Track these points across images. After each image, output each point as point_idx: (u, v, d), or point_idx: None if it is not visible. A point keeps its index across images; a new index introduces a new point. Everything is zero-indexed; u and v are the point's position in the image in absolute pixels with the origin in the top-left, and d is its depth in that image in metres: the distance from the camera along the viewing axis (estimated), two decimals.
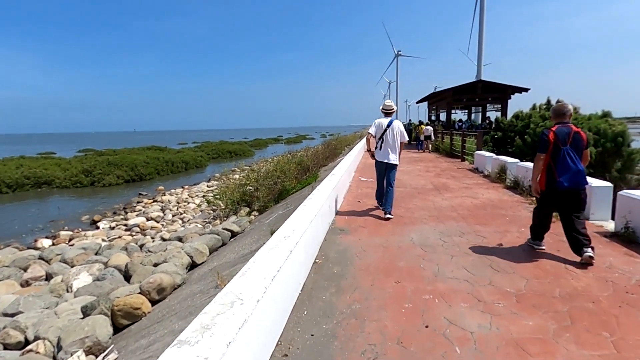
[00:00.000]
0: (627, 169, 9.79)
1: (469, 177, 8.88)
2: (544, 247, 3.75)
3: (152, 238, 11.56)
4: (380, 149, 5.52)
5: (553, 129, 3.43)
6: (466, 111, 25.82)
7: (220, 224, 11.68)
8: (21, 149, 65.47)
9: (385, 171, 5.55)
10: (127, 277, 6.70)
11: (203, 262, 7.15)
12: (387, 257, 3.64)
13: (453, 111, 28.55)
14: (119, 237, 12.05)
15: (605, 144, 9.72)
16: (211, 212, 14.47)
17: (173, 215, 14.48)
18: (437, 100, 22.26)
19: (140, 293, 5.12)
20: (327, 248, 3.98)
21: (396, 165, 5.53)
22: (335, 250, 3.91)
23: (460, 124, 18.87)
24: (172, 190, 21.71)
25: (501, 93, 18.62)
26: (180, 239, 9.73)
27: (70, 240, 12.00)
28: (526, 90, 18.22)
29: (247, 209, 12.28)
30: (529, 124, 13.25)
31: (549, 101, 13.74)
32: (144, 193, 21.62)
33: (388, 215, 5.20)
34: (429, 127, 18.57)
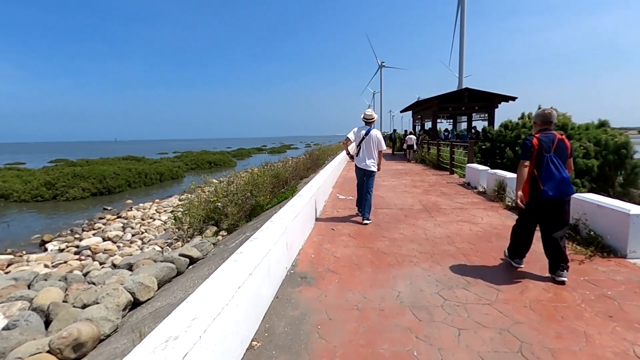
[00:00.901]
0: (630, 183, 8.92)
1: (462, 194, 7.80)
2: (523, 266, 3.57)
3: (102, 264, 10.08)
4: (359, 155, 5.82)
5: (537, 135, 3.28)
6: (451, 121, 25.15)
7: (182, 246, 10.33)
8: None
9: (363, 177, 5.82)
10: (48, 323, 5.27)
11: (149, 299, 5.79)
12: (363, 334, 2.41)
13: (438, 120, 27.93)
14: (65, 262, 10.48)
15: (607, 156, 8.84)
16: (177, 230, 13.01)
17: (133, 235, 12.94)
18: (422, 109, 21.45)
19: (49, 352, 3.74)
20: (275, 313, 2.72)
21: (374, 172, 5.78)
22: (287, 318, 2.66)
23: (446, 133, 18.04)
24: (140, 205, 20.07)
25: (488, 102, 17.90)
26: (130, 267, 8.33)
27: (8, 265, 10.33)
28: (513, 99, 17.55)
29: (215, 228, 10.91)
30: (520, 134, 12.38)
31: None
32: (109, 208, 19.93)
33: (366, 222, 5.51)
34: (412, 137, 17.65)
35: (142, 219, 15.84)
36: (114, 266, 9.48)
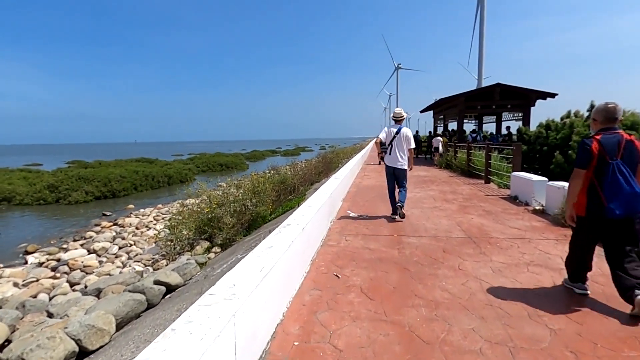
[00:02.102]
0: None
1: (512, 212, 5.95)
2: (588, 292, 2.83)
3: (74, 285, 8.73)
4: (390, 154, 5.84)
5: (597, 137, 2.66)
6: (476, 121, 22.98)
7: (167, 265, 8.91)
8: (9, 160, 63.10)
9: (394, 175, 5.91)
10: None
11: (101, 347, 4.31)
12: None
13: (465, 121, 25.78)
14: (37, 280, 9.18)
15: None
16: (169, 243, 11.51)
17: (120, 248, 11.55)
18: (446, 108, 19.47)
19: None
20: None
21: (405, 170, 5.84)
22: None
23: (474, 135, 16.06)
24: (141, 211, 18.82)
25: (523, 99, 15.82)
26: (99, 293, 7.01)
27: None
28: (552, 95, 15.42)
29: (207, 244, 9.38)
30: (570, 134, 10.37)
31: (592, 106, 10.88)
32: (109, 213, 18.79)
33: (400, 205, 5.63)
34: (439, 138, 15.75)
35: (137, 228, 14.51)
36: (85, 289, 8.07)
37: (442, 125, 25.36)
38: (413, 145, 5.87)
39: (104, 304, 5.13)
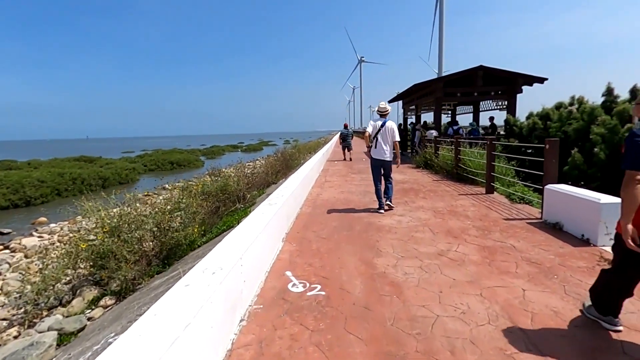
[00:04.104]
0: None
1: (581, 265, 3.32)
2: (620, 328, 2.26)
3: None
4: (376, 147, 5.88)
5: None
6: (448, 112, 20.80)
7: (25, 329, 5.74)
8: None
9: (381, 167, 5.95)
10: None
11: None
12: None
13: (424, 112, 23.51)
14: None
15: None
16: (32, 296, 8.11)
17: None
18: (419, 96, 17.02)
19: None
20: None
21: (391, 161, 5.94)
22: None
23: (456, 127, 13.70)
24: (51, 226, 14.88)
25: (509, 85, 13.59)
26: None
27: None
28: (541, 80, 13.32)
29: (95, 292, 6.28)
30: (588, 126, 8.07)
31: (610, 91, 8.64)
32: (6, 231, 14.70)
33: (389, 203, 5.90)
34: (433, 132, 13.22)
35: (26, 256, 10.84)
36: None
37: (412, 116, 23.05)
38: (398, 138, 5.91)
39: None
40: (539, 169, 8.17)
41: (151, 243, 6.76)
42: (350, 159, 15.81)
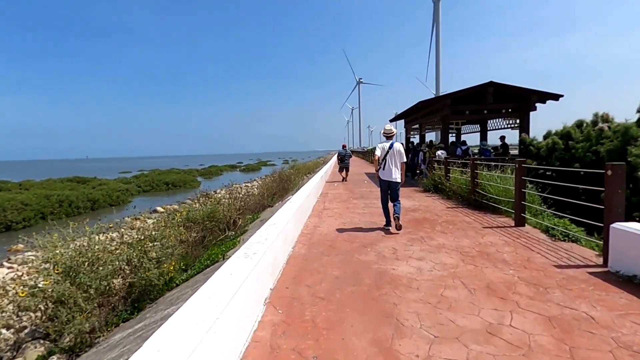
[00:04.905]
0: None
1: None
2: None
3: None
4: (384, 169, 6.09)
5: None
6: (454, 131, 19.87)
7: None
8: None
9: (389, 188, 6.14)
10: None
11: None
12: None
13: (428, 131, 22.66)
14: None
15: None
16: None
17: None
18: (424, 114, 16.10)
19: None
20: None
21: (399, 182, 6.07)
22: None
23: (464, 147, 12.69)
24: (26, 255, 13.61)
25: (521, 102, 12.67)
26: None
27: None
28: (556, 97, 12.40)
29: (42, 348, 5.07)
30: (624, 146, 6.99)
31: None
32: None
33: (398, 221, 5.82)
34: (441, 152, 12.17)
35: None
36: None
37: (416, 136, 22.14)
38: (405, 159, 6.14)
39: None
40: (570, 195, 7.06)
41: (117, 283, 5.59)
42: (346, 180, 15.25)
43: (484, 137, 17.02)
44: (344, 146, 16.48)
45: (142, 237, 6.41)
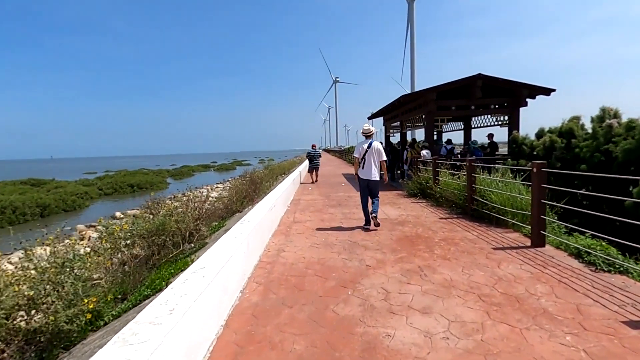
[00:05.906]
0: None
1: None
2: None
3: None
4: (363, 167, 6.13)
5: None
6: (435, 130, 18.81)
7: None
8: None
9: (368, 186, 6.13)
10: None
11: None
12: None
13: (409, 129, 21.55)
14: None
15: None
16: None
17: None
18: (405, 111, 14.91)
19: None
20: None
21: (378, 181, 6.13)
22: None
23: (450, 146, 11.54)
24: None
25: (511, 97, 11.65)
26: None
27: None
28: (548, 92, 11.46)
29: None
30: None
31: None
32: None
33: (374, 217, 5.90)
34: (426, 152, 10.95)
35: None
36: None
37: (396, 134, 20.98)
38: (384, 158, 6.18)
39: None
40: (595, 207, 5.89)
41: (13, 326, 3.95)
42: (317, 181, 14.83)
43: (467, 135, 16.04)
44: (313, 146, 16.09)
45: (49, 266, 4.74)
